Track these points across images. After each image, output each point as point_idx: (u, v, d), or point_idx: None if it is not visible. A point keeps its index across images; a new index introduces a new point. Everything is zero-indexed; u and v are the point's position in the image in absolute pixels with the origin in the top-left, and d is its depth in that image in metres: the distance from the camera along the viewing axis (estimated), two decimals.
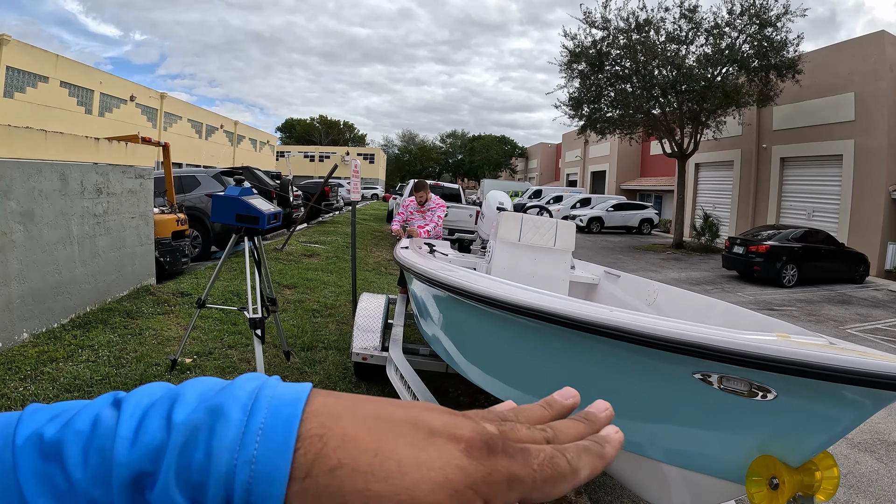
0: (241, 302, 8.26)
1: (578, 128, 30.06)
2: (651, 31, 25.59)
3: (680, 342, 2.08)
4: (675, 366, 2.22)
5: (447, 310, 4.19)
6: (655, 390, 2.40)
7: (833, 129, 24.80)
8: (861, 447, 6.26)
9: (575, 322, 2.42)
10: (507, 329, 3.11)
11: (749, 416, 2.14)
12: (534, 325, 2.76)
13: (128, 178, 8.78)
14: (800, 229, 19.58)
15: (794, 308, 14.70)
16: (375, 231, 24.12)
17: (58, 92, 34.15)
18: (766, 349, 1.92)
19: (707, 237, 27.32)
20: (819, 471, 2.07)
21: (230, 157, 59.74)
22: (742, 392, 2.10)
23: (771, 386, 2.04)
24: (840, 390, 1.91)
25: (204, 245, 14.23)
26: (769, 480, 2.08)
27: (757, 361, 1.93)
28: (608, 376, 2.58)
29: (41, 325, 6.67)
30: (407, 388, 4.52)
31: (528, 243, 6.30)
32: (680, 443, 2.43)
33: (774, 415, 2.09)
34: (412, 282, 5.32)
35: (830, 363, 1.82)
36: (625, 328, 2.24)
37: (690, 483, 2.44)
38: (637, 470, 2.66)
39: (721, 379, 2.14)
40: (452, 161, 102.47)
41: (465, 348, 4.01)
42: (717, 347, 2.00)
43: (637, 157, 49.46)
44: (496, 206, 7.84)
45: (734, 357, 1.98)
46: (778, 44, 23.75)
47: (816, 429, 2.04)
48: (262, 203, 5.78)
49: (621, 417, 2.23)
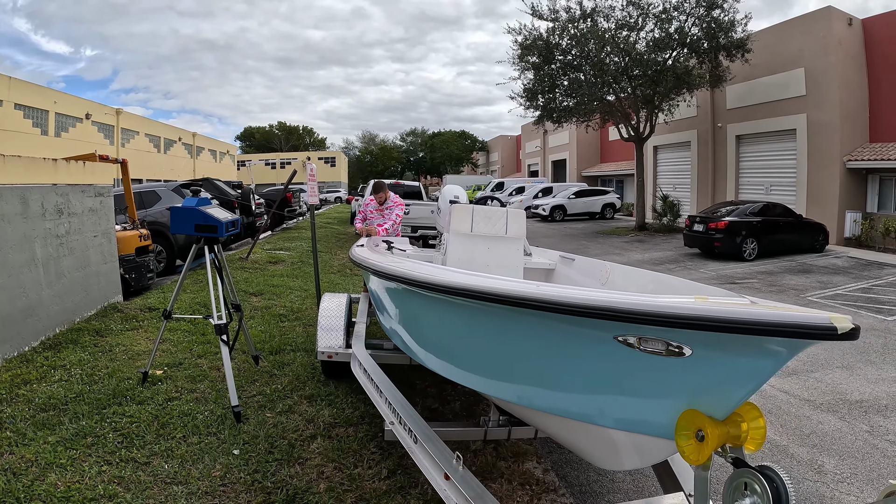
0: (207, 311, 8.38)
1: (535, 118, 30.33)
2: (599, 19, 25.88)
3: (597, 308, 2.22)
4: (598, 332, 2.38)
5: (400, 301, 4.40)
6: (585, 357, 2.56)
7: (785, 105, 25.29)
8: (823, 408, 6.56)
9: (503, 297, 2.58)
10: (451, 312, 3.30)
11: (671, 375, 2.27)
12: (472, 306, 2.95)
13: (88, 197, 8.84)
14: (758, 204, 19.95)
15: (756, 280, 15.09)
16: (339, 234, 24.16)
17: (12, 115, 33.67)
18: (675, 308, 2.03)
19: (668, 218, 27.82)
20: (745, 422, 2.20)
21: (190, 169, 59.20)
22: (660, 352, 2.24)
23: (685, 343, 2.18)
24: (751, 343, 2.04)
25: (168, 259, 14.20)
26: (695, 433, 2.20)
27: (668, 320, 2.04)
28: (543, 348, 2.75)
29: (12, 349, 6.74)
30: (370, 380, 4.70)
31: (481, 233, 6.51)
32: (616, 406, 2.58)
33: (693, 371, 2.20)
34: (369, 279, 5.49)
35: (732, 316, 1.93)
36: (549, 299, 2.39)
37: (636, 444, 2.59)
38: (585, 437, 2.83)
39: (640, 340, 2.28)
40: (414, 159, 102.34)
41: (420, 337, 4.21)
42: (630, 310, 2.12)
43: (596, 144, 49.78)
44: (450, 199, 8.01)
45: (646, 318, 2.09)
46: (726, 24, 24.15)
47: (735, 382, 2.15)
48: (220, 212, 5.94)
49: (562, 390, 2.46)
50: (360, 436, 5.11)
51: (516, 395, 3.19)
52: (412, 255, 7.17)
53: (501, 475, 4.72)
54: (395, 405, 4.08)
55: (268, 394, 5.94)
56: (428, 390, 6.36)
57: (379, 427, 5.16)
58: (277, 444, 4.87)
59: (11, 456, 4.47)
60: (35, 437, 4.78)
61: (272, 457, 4.67)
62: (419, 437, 3.62)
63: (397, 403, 4.10)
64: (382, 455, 4.80)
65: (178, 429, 5.04)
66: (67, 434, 4.84)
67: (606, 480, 4.86)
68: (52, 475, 4.21)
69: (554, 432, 3.16)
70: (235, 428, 5.11)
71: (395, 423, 3.97)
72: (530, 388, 3.04)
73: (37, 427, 4.96)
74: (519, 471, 4.83)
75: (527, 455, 5.10)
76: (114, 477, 4.24)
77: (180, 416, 5.27)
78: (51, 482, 4.12)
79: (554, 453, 5.31)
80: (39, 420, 5.09)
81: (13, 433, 4.83)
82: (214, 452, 4.67)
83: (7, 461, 4.39)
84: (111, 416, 5.20)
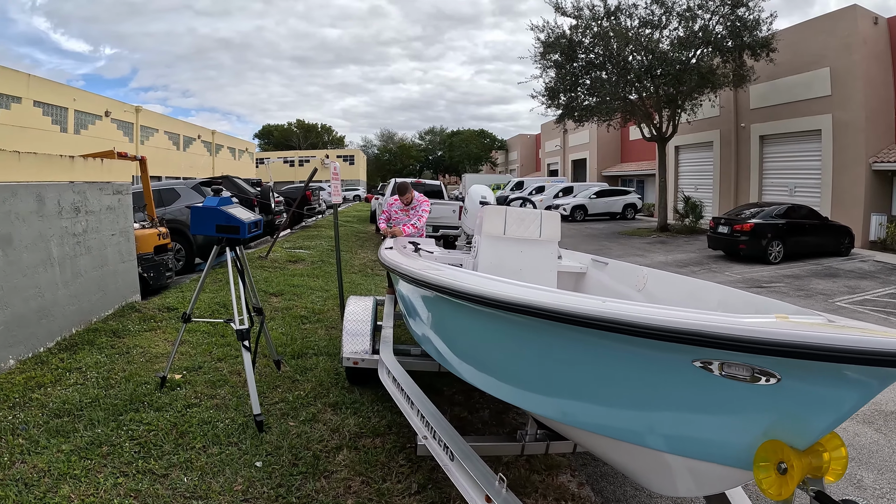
0: (227, 313, 8.18)
1: (556, 117, 30.01)
2: (623, 17, 25.56)
3: (678, 331, 2.01)
4: (674, 355, 2.15)
5: (436, 309, 4.13)
6: (654, 380, 2.33)
7: (810, 105, 24.90)
8: (859, 419, 6.27)
9: (567, 316, 2.35)
10: (498, 326, 3.04)
11: (753, 402, 2.08)
12: (526, 322, 2.69)
13: (105, 194, 8.67)
14: (783, 205, 19.60)
15: (783, 284, 14.76)
16: (360, 232, 24.02)
17: (31, 112, 33.83)
18: (767, 333, 1.84)
19: (691, 219, 27.40)
20: (827, 452, 2.03)
21: (209, 167, 59.42)
22: (744, 378, 2.04)
23: (774, 370, 1.98)
24: (845, 370, 1.86)
25: (187, 258, 14.08)
26: (777, 465, 2.04)
27: (758, 346, 1.86)
28: (604, 369, 2.51)
29: (27, 350, 6.57)
30: (400, 390, 4.47)
31: (514, 236, 6.25)
32: (683, 432, 2.36)
33: (779, 399, 2.02)
34: (398, 282, 5.26)
35: (834, 343, 1.74)
36: (619, 319, 2.16)
37: (695, 472, 2.38)
38: (640, 460, 2.61)
39: (722, 366, 2.07)
40: (432, 158, 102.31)
41: (456, 347, 3.96)
42: (716, 334, 1.93)
43: (617, 143, 49.46)
44: (479, 200, 7.79)
45: (734, 343, 1.90)
46: (751, 23, 23.77)
47: (822, 410, 1.98)
48: (242, 212, 5.71)
49: (620, 408, 2.19)
50: (387, 447, 4.86)
51: (561, 412, 2.97)
52: (439, 258, 6.93)
53: (535, 489, 4.48)
54: (428, 418, 3.82)
55: (290, 401, 5.70)
56: (455, 397, 6.12)
57: (407, 438, 4.94)
58: (302, 456, 4.63)
59: (23, 465, 4.27)
60: (48, 444, 4.58)
61: (296, 469, 4.43)
62: (456, 455, 3.37)
63: (431, 416, 3.84)
64: (411, 468, 4.56)
65: (197, 438, 4.81)
66: (82, 442, 4.63)
67: (644, 496, 4.60)
68: (66, 487, 4.00)
69: (602, 452, 2.95)
70: (257, 438, 4.87)
71: (429, 438, 3.73)
72: (581, 406, 2.81)
73: (50, 434, 4.75)
74: (553, 485, 4.58)
75: (560, 467, 4.86)
76: (130, 490, 4.02)
77: (200, 425, 5.04)
78: (64, 494, 3.92)
79: (588, 466, 5.07)
80: (53, 426, 4.88)
81: (26, 440, 4.63)
82: (236, 464, 4.44)
83: (19, 471, 4.19)
84: (128, 423, 4.99)
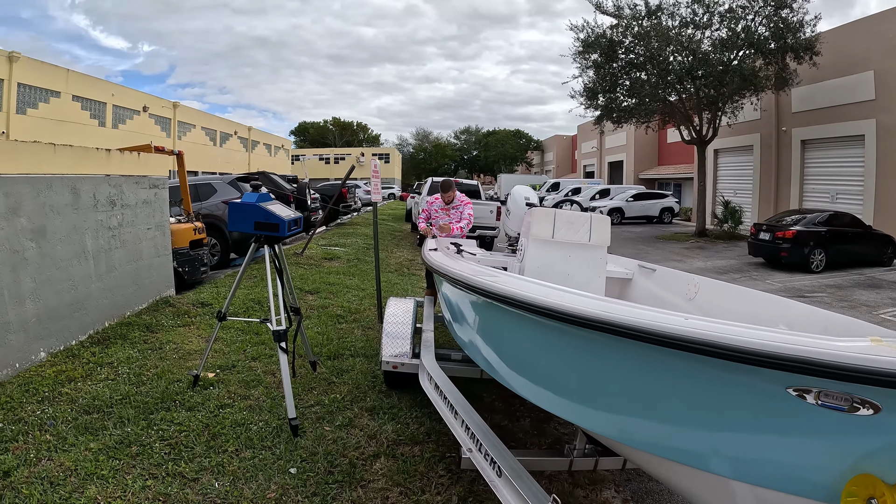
0: (262, 310, 8.05)
1: (594, 118, 29.60)
2: (664, 17, 25.13)
3: (776, 356, 1.84)
4: (766, 381, 1.97)
5: (485, 315, 3.91)
6: (742, 406, 2.13)
7: (853, 109, 24.19)
8: None
9: (651, 335, 2.16)
10: (557, 338, 2.83)
11: (847, 433, 1.90)
12: (593, 336, 2.48)
13: (142, 188, 8.59)
14: (825, 213, 19.05)
15: (825, 294, 14.28)
16: (395, 231, 23.92)
17: (70, 106, 34.36)
18: (873, 362, 1.67)
19: (730, 224, 26.85)
20: None
21: (245, 162, 59.96)
22: (842, 408, 1.86)
23: (875, 400, 1.79)
24: None
25: (223, 253, 14.06)
26: (867, 501, 1.85)
27: (862, 375, 1.69)
28: (682, 390, 2.30)
29: (59, 343, 6.49)
30: (443, 398, 4.24)
31: (562, 240, 6.00)
32: (764, 460, 2.17)
33: (877, 431, 1.84)
34: (442, 285, 5.05)
35: None
36: (709, 341, 1.98)
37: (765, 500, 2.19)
38: (700, 485, 2.43)
39: (819, 394, 1.89)
40: (467, 157, 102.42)
41: (507, 357, 3.73)
42: (817, 361, 1.76)
43: (654, 146, 48.91)
44: (524, 202, 7.56)
45: (836, 371, 1.73)
46: (794, 25, 23.21)
47: None
48: (282, 209, 5.52)
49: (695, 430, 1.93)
50: (426, 456, 4.64)
51: (618, 429, 2.77)
52: (482, 260, 6.72)
53: None
54: (474, 430, 3.57)
55: (326, 404, 5.50)
56: (495, 404, 5.89)
57: (447, 447, 4.73)
58: (338, 463, 4.43)
59: (50, 462, 4.14)
60: (76, 442, 4.44)
61: (332, 478, 4.22)
62: (505, 471, 3.14)
63: (477, 429, 3.59)
64: (451, 479, 4.34)
65: (230, 441, 4.63)
66: (111, 441, 4.48)
67: None
68: (93, 487, 3.85)
69: (660, 474, 2.75)
70: (292, 442, 4.68)
71: (474, 451, 3.49)
72: (644, 425, 2.60)
73: (79, 431, 4.62)
74: (598, 500, 4.37)
75: (604, 482, 4.62)
76: (159, 494, 3.85)
77: (233, 427, 4.87)
78: (90, 496, 3.77)
79: (633, 481, 4.81)
80: (82, 423, 4.75)
81: (53, 437, 4.51)
82: (269, 470, 4.25)
83: (45, 468, 4.05)
84: (158, 422, 4.84)
